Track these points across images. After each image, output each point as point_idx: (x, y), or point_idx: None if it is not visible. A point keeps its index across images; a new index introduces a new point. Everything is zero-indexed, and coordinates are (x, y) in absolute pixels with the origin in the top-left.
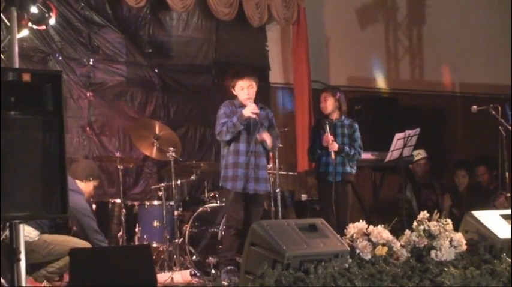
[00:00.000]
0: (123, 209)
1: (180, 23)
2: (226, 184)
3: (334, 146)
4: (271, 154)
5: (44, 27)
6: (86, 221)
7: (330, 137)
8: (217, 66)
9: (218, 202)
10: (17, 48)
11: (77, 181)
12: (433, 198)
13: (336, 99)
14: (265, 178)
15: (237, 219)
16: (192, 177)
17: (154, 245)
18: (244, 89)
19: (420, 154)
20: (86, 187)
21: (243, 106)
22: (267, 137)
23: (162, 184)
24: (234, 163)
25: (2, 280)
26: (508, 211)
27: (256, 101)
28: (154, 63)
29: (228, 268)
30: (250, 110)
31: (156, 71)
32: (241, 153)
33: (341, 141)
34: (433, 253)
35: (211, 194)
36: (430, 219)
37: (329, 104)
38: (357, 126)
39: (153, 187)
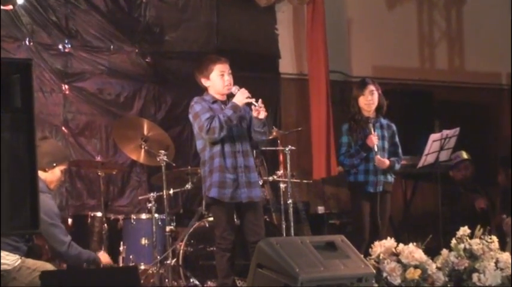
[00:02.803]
0: (105, 224)
1: (176, 3)
2: (210, 192)
3: (385, 164)
4: (281, 157)
5: (10, 7)
6: (51, 231)
7: (376, 138)
8: (219, 53)
9: None
10: None
11: (39, 172)
12: (483, 206)
13: (379, 94)
14: (258, 182)
15: (229, 239)
16: (187, 186)
17: (142, 267)
18: (225, 75)
19: (459, 157)
20: (52, 175)
21: (216, 101)
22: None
23: (152, 194)
24: (220, 167)
25: None
26: None
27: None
28: (144, 50)
29: None
30: (244, 96)
31: (147, 59)
32: (227, 155)
33: (382, 146)
34: (475, 276)
35: None
36: (472, 236)
37: (377, 99)
38: (395, 127)
39: (140, 197)
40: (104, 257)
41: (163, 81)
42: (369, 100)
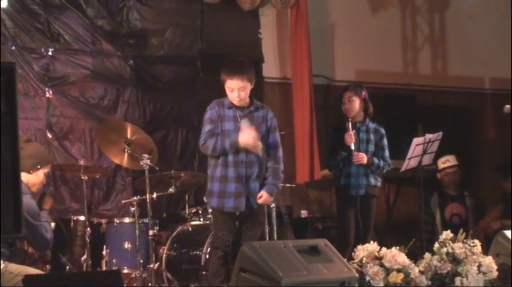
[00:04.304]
0: (88, 228)
1: (160, 6)
2: (211, 200)
3: (364, 159)
4: None
5: None
6: (36, 232)
7: (353, 134)
8: (203, 57)
9: (201, 219)
10: None
11: (22, 173)
12: (460, 213)
13: (361, 99)
14: (259, 190)
15: (224, 240)
16: (170, 190)
17: (125, 271)
18: (234, 91)
19: (449, 161)
20: (35, 178)
21: (232, 107)
22: (250, 140)
23: (135, 198)
24: (222, 177)
25: None
26: None
27: (253, 98)
28: (127, 53)
29: None
30: (249, 140)
31: (130, 63)
32: (231, 164)
33: (366, 149)
34: (457, 280)
35: (193, 210)
36: (454, 240)
37: (355, 106)
38: (383, 131)
39: (123, 201)
40: None
41: (147, 85)
42: (346, 109)
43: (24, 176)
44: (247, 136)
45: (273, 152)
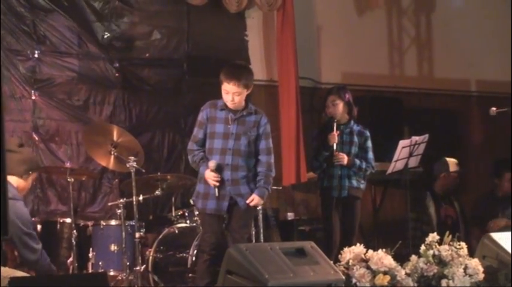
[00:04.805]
0: (74, 231)
1: (146, 8)
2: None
3: (344, 159)
4: None
5: None
6: (25, 240)
7: (336, 135)
8: (190, 60)
9: (188, 221)
10: None
11: (14, 178)
12: (452, 215)
13: (345, 102)
14: (244, 194)
15: (209, 242)
16: (156, 192)
17: (112, 273)
18: (229, 94)
19: (457, 165)
20: (25, 183)
21: (225, 109)
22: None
23: (121, 200)
24: (206, 179)
25: None
26: None
27: (249, 102)
28: (113, 56)
29: None
30: (209, 179)
31: (116, 65)
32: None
33: (348, 151)
34: (444, 282)
35: (180, 212)
36: (441, 242)
37: (339, 109)
38: (368, 134)
39: (110, 203)
40: None
41: (133, 88)
42: (330, 112)
43: (15, 181)
44: (206, 175)
45: (265, 159)
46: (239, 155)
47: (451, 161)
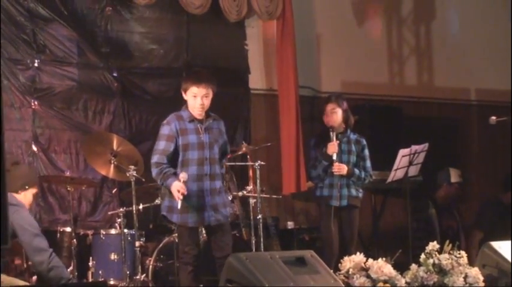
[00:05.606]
0: (74, 240)
1: (145, 17)
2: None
3: (344, 169)
4: (250, 173)
5: None
6: (36, 242)
7: (336, 145)
8: (189, 69)
9: None
10: None
11: (12, 194)
12: (453, 226)
13: (343, 111)
14: (224, 203)
15: (192, 254)
16: (156, 201)
17: (112, 282)
18: (197, 98)
19: (460, 177)
20: (24, 198)
21: (194, 120)
22: None
23: (121, 209)
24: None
25: None
26: None
27: (209, 111)
28: (112, 65)
29: None
30: (177, 190)
31: (115, 74)
32: (192, 178)
33: (347, 160)
34: None
35: None
36: (441, 250)
37: (338, 117)
38: (365, 142)
39: (110, 212)
40: None
41: (132, 97)
42: (329, 121)
43: (16, 196)
44: (176, 187)
45: (225, 160)
46: (215, 163)
47: (454, 171)
